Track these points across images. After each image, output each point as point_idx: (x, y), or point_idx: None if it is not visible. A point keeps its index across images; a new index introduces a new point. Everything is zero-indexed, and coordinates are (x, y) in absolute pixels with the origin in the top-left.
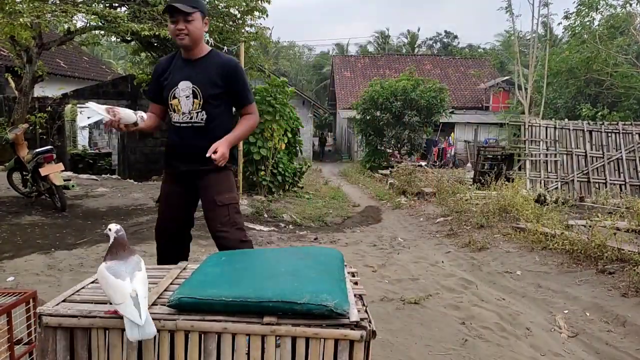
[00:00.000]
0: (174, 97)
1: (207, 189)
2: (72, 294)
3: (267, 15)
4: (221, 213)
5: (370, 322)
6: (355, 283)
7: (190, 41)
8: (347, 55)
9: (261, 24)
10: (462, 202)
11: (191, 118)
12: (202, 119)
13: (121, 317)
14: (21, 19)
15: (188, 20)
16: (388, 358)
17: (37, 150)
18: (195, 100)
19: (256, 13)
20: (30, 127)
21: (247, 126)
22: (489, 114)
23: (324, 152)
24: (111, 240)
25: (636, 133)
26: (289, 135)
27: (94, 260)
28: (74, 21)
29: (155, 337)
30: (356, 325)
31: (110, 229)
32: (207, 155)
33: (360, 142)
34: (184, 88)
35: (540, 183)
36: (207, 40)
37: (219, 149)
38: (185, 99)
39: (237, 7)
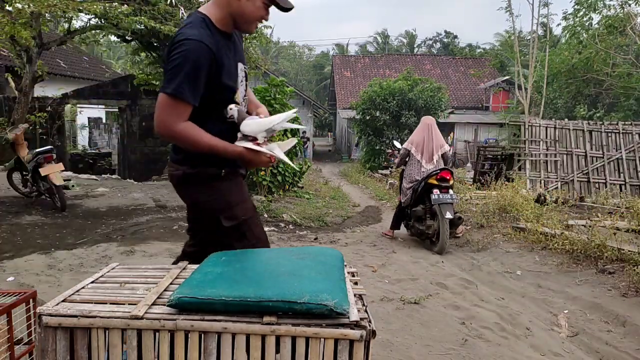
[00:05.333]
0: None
1: None
2: (72, 294)
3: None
4: None
5: (370, 321)
6: (355, 283)
7: None
8: (347, 55)
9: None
10: (462, 202)
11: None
12: (246, 108)
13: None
14: (20, 18)
15: None
16: (388, 358)
17: (37, 150)
18: (247, 84)
19: None
20: (30, 127)
21: None
22: (489, 114)
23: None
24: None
25: (636, 133)
26: (289, 135)
27: (94, 260)
28: (76, 13)
29: (155, 337)
30: (356, 325)
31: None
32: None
33: (358, 142)
34: (240, 72)
35: (540, 183)
36: None
37: None
38: (241, 87)
39: None
